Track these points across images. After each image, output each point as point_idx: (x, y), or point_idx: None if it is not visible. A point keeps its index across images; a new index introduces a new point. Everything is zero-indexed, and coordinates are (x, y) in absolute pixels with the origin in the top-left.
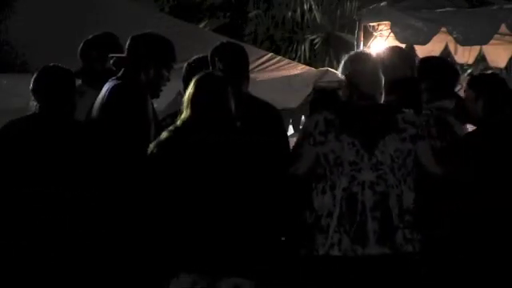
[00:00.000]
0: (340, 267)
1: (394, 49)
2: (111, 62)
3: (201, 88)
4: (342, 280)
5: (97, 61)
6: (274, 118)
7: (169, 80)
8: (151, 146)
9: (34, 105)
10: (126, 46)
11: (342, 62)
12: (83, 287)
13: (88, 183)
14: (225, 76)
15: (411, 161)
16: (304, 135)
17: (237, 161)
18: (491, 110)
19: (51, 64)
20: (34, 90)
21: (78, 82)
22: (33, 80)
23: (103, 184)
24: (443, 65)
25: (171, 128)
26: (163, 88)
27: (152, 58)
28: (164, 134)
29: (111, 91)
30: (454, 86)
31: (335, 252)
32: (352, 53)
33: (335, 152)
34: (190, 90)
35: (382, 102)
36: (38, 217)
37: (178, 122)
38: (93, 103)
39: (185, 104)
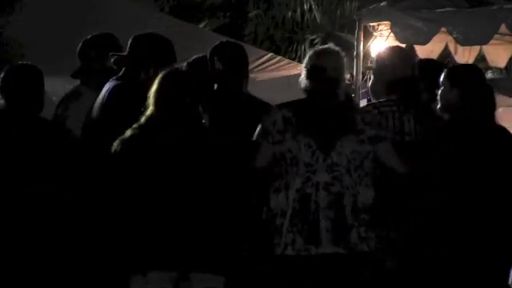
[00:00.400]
0: (295, 267)
1: (395, 48)
2: (112, 60)
3: (166, 85)
4: (297, 280)
5: (95, 60)
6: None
7: None
8: (115, 144)
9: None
10: (128, 46)
11: (307, 55)
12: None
13: (48, 180)
14: (190, 73)
15: (370, 162)
16: (263, 133)
17: (200, 158)
18: (466, 101)
19: (20, 62)
20: (0, 88)
21: (77, 82)
22: (0, 78)
23: (62, 182)
24: (440, 65)
25: (135, 126)
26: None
27: (152, 58)
28: (128, 132)
29: (111, 91)
30: None
31: (289, 252)
32: (318, 47)
33: (292, 152)
34: (155, 86)
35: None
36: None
37: (142, 120)
38: (92, 104)
39: (150, 101)
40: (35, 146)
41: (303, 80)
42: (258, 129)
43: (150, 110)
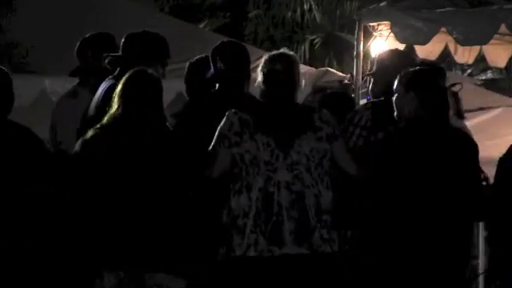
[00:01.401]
0: (257, 268)
1: (394, 50)
2: (106, 61)
3: (130, 85)
4: (259, 281)
5: (93, 60)
6: None
7: (164, 77)
8: (77, 144)
9: None
10: (121, 45)
11: (263, 59)
12: None
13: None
14: (154, 74)
15: (328, 160)
16: (218, 138)
17: (159, 161)
18: (422, 105)
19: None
20: None
21: (76, 81)
22: None
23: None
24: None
25: (98, 126)
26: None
27: (147, 56)
28: (90, 132)
29: (106, 92)
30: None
31: (251, 253)
32: (274, 52)
33: (251, 152)
34: (120, 86)
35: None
36: None
37: (105, 119)
38: (88, 104)
39: (114, 100)
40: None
41: (260, 84)
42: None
43: (113, 110)
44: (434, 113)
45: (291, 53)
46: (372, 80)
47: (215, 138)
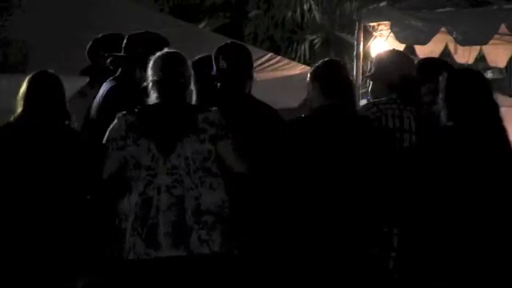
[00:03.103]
0: (136, 271)
1: (393, 51)
2: (108, 61)
3: (33, 86)
4: (139, 284)
5: (104, 60)
6: (275, 120)
7: None
8: None
9: None
10: (123, 46)
11: (151, 65)
12: None
13: None
14: (56, 76)
15: (213, 162)
16: (107, 140)
17: (59, 163)
18: (325, 96)
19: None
20: None
21: (78, 81)
22: None
23: None
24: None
25: (2, 126)
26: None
27: (148, 57)
28: None
29: (107, 92)
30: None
31: (131, 256)
32: (165, 51)
33: (133, 156)
34: (22, 88)
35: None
36: None
37: (11, 120)
38: (91, 104)
39: (18, 103)
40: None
41: (151, 93)
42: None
43: (18, 111)
44: (337, 102)
45: (178, 51)
46: (371, 81)
47: (104, 140)
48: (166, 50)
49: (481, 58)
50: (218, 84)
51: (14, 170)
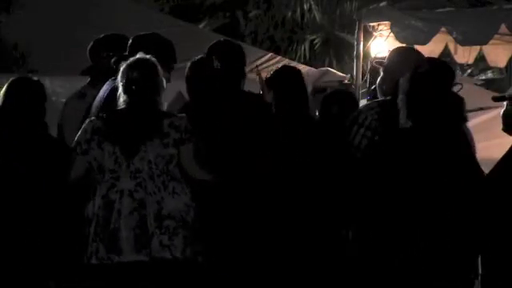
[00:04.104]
0: (99, 276)
1: (404, 49)
2: (112, 60)
3: (10, 93)
4: None
5: (106, 61)
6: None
7: (169, 81)
8: None
9: None
10: (128, 46)
11: (121, 70)
12: None
13: None
14: (39, 82)
15: (175, 166)
16: (75, 144)
17: (32, 166)
18: (279, 102)
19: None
20: None
21: (76, 81)
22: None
23: None
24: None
25: None
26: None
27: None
28: None
29: (109, 92)
30: (451, 86)
31: (94, 260)
32: (132, 58)
33: (97, 160)
34: (1, 93)
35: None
36: None
37: None
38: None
39: None
40: None
41: (121, 95)
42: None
43: None
44: (290, 108)
45: (147, 56)
46: (381, 75)
47: (72, 145)
48: (137, 55)
49: (481, 58)
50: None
51: None
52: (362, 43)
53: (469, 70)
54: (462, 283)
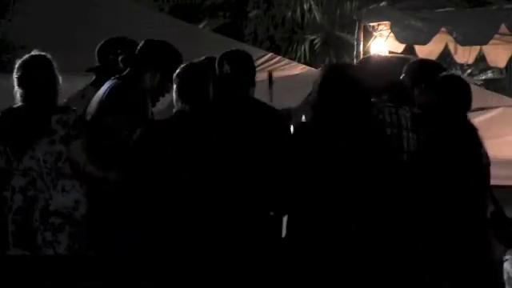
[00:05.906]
0: None
1: (384, 56)
2: (120, 58)
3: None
4: None
5: (113, 62)
6: (278, 120)
7: (169, 92)
8: None
9: None
10: (139, 48)
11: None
12: None
13: None
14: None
15: (64, 162)
16: None
17: None
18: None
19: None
20: None
21: (75, 81)
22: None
23: None
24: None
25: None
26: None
27: (160, 69)
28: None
29: (110, 90)
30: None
31: None
32: (27, 55)
33: None
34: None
35: None
36: None
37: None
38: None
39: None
40: None
41: (16, 94)
42: None
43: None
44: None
45: (43, 53)
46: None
47: None
48: (32, 52)
49: (481, 57)
50: (222, 87)
51: None
52: (361, 43)
53: (469, 70)
54: (462, 283)
